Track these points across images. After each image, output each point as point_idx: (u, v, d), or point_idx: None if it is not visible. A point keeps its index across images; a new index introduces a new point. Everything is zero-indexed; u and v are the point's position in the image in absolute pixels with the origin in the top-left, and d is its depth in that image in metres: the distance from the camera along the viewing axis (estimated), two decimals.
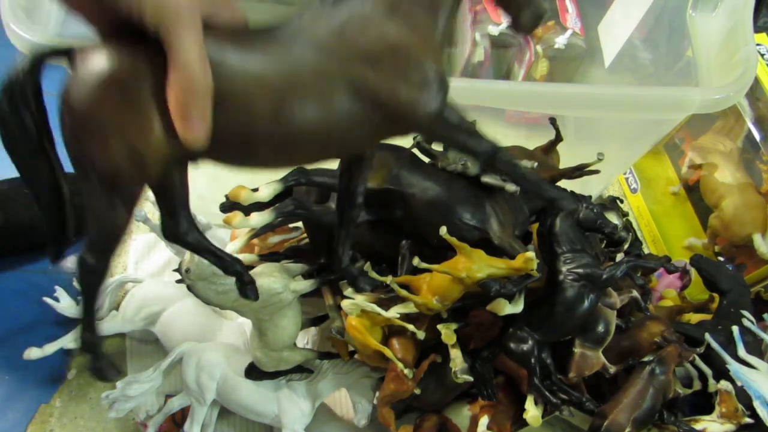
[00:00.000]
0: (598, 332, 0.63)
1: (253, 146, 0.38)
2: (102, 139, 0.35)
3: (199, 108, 0.34)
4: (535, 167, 0.67)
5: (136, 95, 0.35)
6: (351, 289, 0.66)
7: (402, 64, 0.38)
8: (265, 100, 0.36)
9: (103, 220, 0.38)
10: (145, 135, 0.35)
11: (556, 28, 1.04)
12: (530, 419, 0.62)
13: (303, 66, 0.37)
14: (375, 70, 0.38)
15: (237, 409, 0.73)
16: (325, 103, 0.38)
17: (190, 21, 0.33)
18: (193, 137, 0.35)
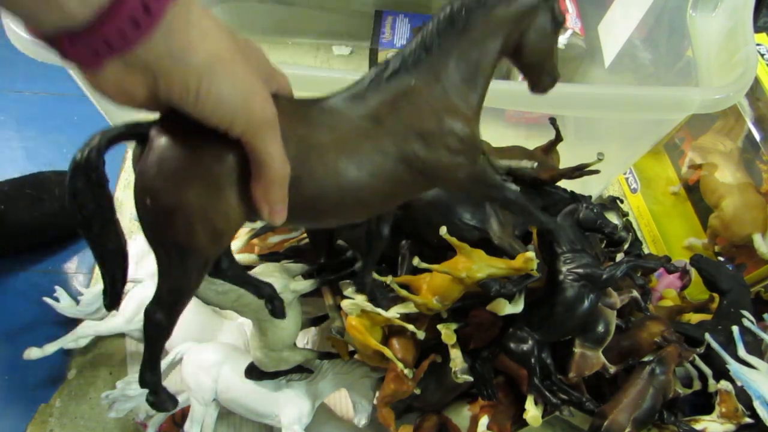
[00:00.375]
0: (598, 332, 0.63)
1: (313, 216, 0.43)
2: (187, 224, 0.37)
3: (281, 196, 0.38)
4: (535, 167, 0.67)
5: (217, 181, 0.37)
6: (351, 289, 0.66)
7: (448, 139, 0.43)
8: (328, 175, 0.41)
9: (177, 284, 0.40)
10: (227, 218, 0.38)
11: None
12: (530, 419, 0.62)
13: (360, 139, 0.42)
14: (425, 144, 0.43)
15: (237, 409, 0.73)
16: (381, 174, 0.43)
17: (273, 130, 0.37)
18: (276, 219, 0.39)
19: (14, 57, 0.50)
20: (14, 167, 1.09)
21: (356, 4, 1.21)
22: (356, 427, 0.74)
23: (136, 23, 0.29)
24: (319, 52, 1.27)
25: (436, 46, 0.43)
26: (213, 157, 0.36)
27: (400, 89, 0.43)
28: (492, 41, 0.44)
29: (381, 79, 0.43)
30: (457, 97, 0.44)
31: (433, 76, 0.43)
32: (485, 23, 0.43)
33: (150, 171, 0.36)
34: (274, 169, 0.37)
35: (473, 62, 0.44)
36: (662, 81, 0.86)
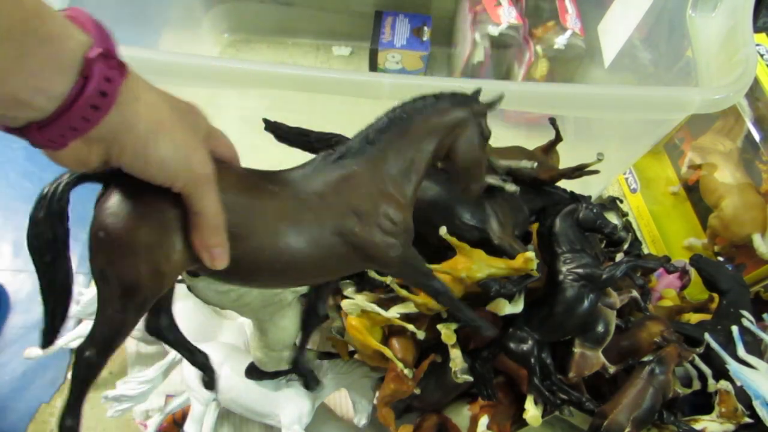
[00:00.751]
0: (598, 332, 0.63)
1: (253, 275, 0.46)
2: (132, 260, 0.40)
3: (217, 241, 0.42)
4: (535, 167, 0.67)
5: (164, 226, 0.41)
6: (351, 289, 0.66)
7: (381, 220, 0.49)
8: (272, 240, 0.45)
9: (113, 323, 0.42)
10: (170, 260, 0.41)
11: (556, 29, 1.04)
12: (530, 419, 0.62)
13: (303, 210, 0.46)
14: (360, 221, 0.48)
15: (237, 409, 0.73)
16: (318, 243, 0.47)
17: (209, 184, 0.40)
18: (217, 263, 0.42)
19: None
20: (14, 167, 1.09)
21: (356, 4, 1.21)
22: (356, 427, 0.74)
23: (95, 107, 0.33)
24: (319, 52, 1.27)
25: (377, 141, 0.50)
26: (162, 205, 0.40)
27: (343, 173, 0.48)
28: (426, 144, 0.51)
29: (328, 161, 0.49)
30: (392, 186, 0.50)
31: (373, 165, 0.49)
32: (421, 128, 0.50)
33: (108, 209, 0.40)
34: (209, 217, 0.41)
35: (408, 159, 0.50)
36: (662, 81, 0.86)
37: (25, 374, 0.86)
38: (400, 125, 0.50)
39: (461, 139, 0.52)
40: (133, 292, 0.41)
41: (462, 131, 0.52)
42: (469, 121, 0.51)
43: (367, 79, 0.63)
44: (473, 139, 0.52)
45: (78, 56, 0.32)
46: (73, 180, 0.41)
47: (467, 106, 0.52)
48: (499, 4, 1.03)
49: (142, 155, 0.36)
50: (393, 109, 0.51)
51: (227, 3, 1.21)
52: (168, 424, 0.77)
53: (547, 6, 1.09)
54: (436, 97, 0.51)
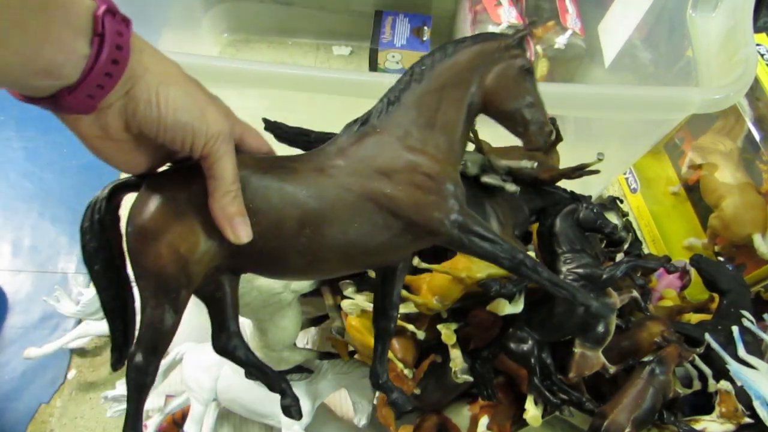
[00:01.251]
0: (598, 332, 0.63)
1: (283, 257, 0.43)
2: (154, 246, 0.41)
3: (237, 209, 0.41)
4: (535, 167, 0.67)
5: (183, 211, 0.41)
6: (351, 289, 0.66)
7: (416, 176, 0.44)
8: (292, 217, 0.42)
9: (153, 322, 0.42)
10: (188, 242, 0.41)
11: (556, 28, 1.04)
12: (530, 419, 0.62)
13: (327, 187, 0.43)
14: (391, 182, 0.43)
15: (237, 409, 0.73)
16: (348, 216, 0.43)
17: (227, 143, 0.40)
18: (236, 235, 0.41)
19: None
20: (14, 167, 1.09)
21: (356, 4, 1.21)
22: (356, 427, 0.74)
23: (115, 61, 0.34)
24: (319, 52, 1.27)
25: (398, 100, 0.46)
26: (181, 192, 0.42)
27: (364, 135, 0.45)
28: (452, 91, 0.46)
29: (350, 131, 0.46)
30: (421, 141, 0.45)
31: (397, 125, 0.45)
32: (443, 76, 0.46)
33: (134, 208, 0.42)
34: (227, 182, 0.40)
35: (433, 109, 0.46)
36: (662, 81, 0.86)
37: (24, 374, 0.86)
38: (420, 79, 0.46)
39: (494, 77, 0.46)
40: (161, 283, 0.41)
41: (492, 67, 0.46)
42: (498, 55, 0.46)
43: (367, 79, 0.63)
44: (509, 72, 0.46)
45: (89, 16, 0.34)
46: (110, 190, 0.44)
47: (493, 41, 0.46)
48: (499, 4, 1.03)
49: (155, 104, 0.37)
50: (411, 67, 0.47)
51: (227, 3, 1.21)
52: (168, 424, 0.77)
53: (547, 6, 1.09)
54: (456, 43, 0.47)
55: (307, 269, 0.45)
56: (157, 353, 0.43)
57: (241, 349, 0.50)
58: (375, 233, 0.44)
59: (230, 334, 0.50)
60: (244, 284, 0.65)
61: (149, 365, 0.43)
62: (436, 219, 0.44)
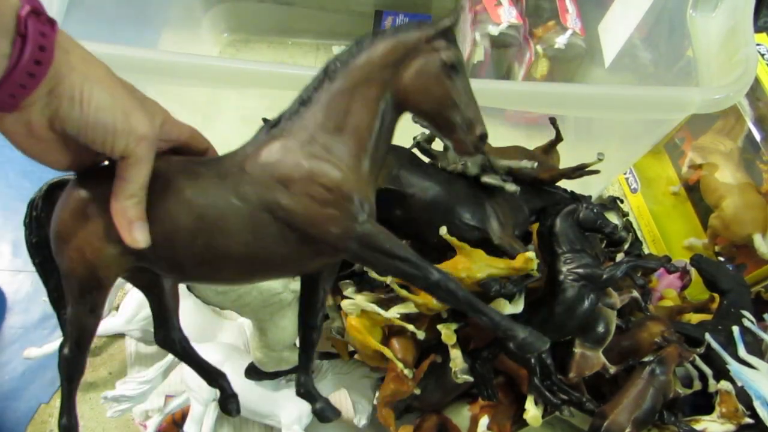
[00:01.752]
0: (598, 332, 0.63)
1: (179, 265, 0.43)
2: (66, 249, 0.43)
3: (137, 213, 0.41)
4: (535, 167, 0.67)
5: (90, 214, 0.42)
6: (351, 289, 0.66)
7: (312, 187, 0.41)
8: (186, 226, 0.42)
9: (75, 319, 0.45)
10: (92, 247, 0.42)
11: (556, 28, 1.04)
12: (530, 419, 0.62)
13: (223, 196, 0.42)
14: (288, 192, 0.41)
15: None
16: (243, 227, 0.41)
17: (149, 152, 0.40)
18: (133, 239, 0.41)
19: None
20: (14, 167, 1.09)
21: (356, 4, 1.20)
22: (356, 427, 0.74)
23: (38, 62, 0.35)
24: (319, 52, 1.27)
25: (309, 100, 0.43)
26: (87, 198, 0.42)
27: (271, 139, 0.42)
28: (365, 89, 0.42)
29: (263, 132, 0.44)
30: (321, 146, 0.41)
31: (304, 127, 0.42)
32: (356, 73, 0.42)
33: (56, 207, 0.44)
34: (136, 184, 0.40)
35: (342, 111, 0.42)
36: (662, 81, 0.86)
37: (24, 374, 0.86)
38: (333, 77, 0.42)
39: (411, 73, 0.41)
40: (75, 284, 0.43)
41: (410, 62, 0.41)
42: (418, 48, 0.41)
43: None
44: (428, 68, 0.41)
45: (12, 16, 0.34)
46: (46, 188, 0.47)
47: (413, 31, 0.41)
48: (499, 4, 1.03)
49: (78, 103, 0.37)
50: (327, 62, 0.43)
51: (227, 3, 1.21)
52: (168, 425, 0.77)
53: (547, 6, 1.08)
54: (374, 35, 0.42)
55: (206, 277, 0.45)
56: (81, 347, 0.46)
57: (181, 343, 0.52)
58: (273, 245, 0.42)
59: (169, 329, 0.52)
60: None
61: (75, 358, 0.46)
62: (332, 234, 0.41)
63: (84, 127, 0.38)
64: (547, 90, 0.68)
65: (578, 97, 0.66)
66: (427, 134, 0.67)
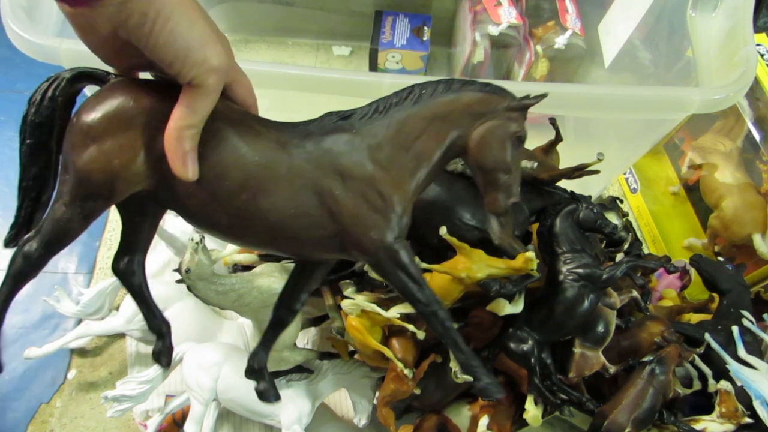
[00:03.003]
0: (598, 332, 0.63)
1: (211, 211, 0.43)
2: (90, 148, 0.40)
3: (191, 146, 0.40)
4: (535, 167, 0.67)
5: (132, 124, 0.41)
6: (351, 289, 0.66)
7: (369, 190, 0.43)
8: (235, 177, 0.42)
9: (61, 218, 0.41)
10: (124, 157, 0.41)
11: (556, 28, 1.04)
12: (530, 419, 0.62)
13: (281, 163, 0.43)
14: (344, 185, 0.43)
15: (237, 409, 0.73)
16: (288, 198, 0.42)
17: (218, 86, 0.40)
18: (183, 170, 0.40)
19: (14, 57, 0.50)
20: (14, 167, 1.09)
21: (356, 4, 1.20)
22: (356, 427, 0.74)
23: None
24: (319, 52, 1.27)
25: (387, 113, 0.45)
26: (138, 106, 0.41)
27: (339, 129, 0.44)
28: (442, 127, 0.45)
29: (329, 120, 0.45)
30: (390, 162, 0.44)
31: (374, 135, 0.44)
32: (439, 109, 0.45)
33: (88, 102, 0.41)
34: (198, 116, 0.39)
35: (416, 137, 0.45)
36: (662, 81, 0.86)
37: (25, 374, 0.86)
38: (417, 101, 0.45)
39: (486, 129, 0.45)
40: (83, 186, 0.41)
41: (487, 120, 0.46)
42: (498, 112, 0.46)
43: (367, 79, 0.63)
44: (500, 131, 0.46)
45: None
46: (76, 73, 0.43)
47: (499, 96, 0.46)
48: (499, 4, 1.03)
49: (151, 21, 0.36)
50: (413, 86, 0.46)
51: (227, 3, 1.21)
52: (168, 424, 0.77)
53: (547, 6, 1.08)
54: (464, 82, 0.46)
55: (229, 232, 0.45)
56: (52, 250, 0.43)
57: (137, 276, 0.50)
58: (307, 226, 0.43)
59: (132, 260, 0.50)
60: (244, 284, 0.66)
61: (39, 258, 0.42)
62: (369, 237, 0.43)
63: (153, 46, 0.37)
64: (547, 90, 0.68)
65: (578, 97, 0.66)
66: None
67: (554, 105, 0.68)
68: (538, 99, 0.47)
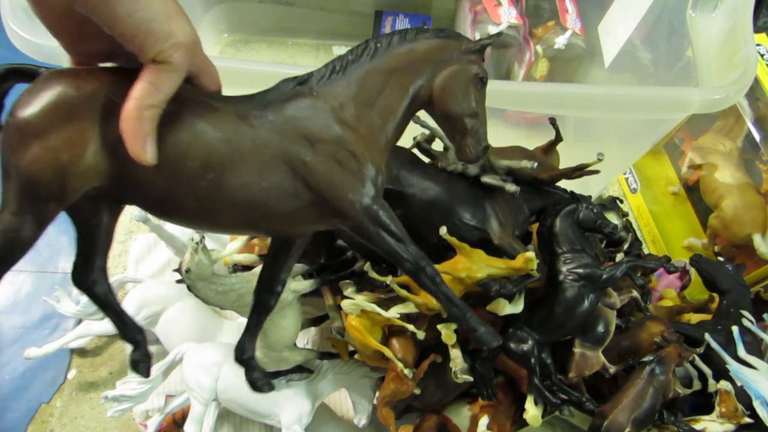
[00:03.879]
0: (598, 332, 0.63)
1: (177, 196, 0.40)
2: (33, 146, 0.36)
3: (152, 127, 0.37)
4: (534, 167, 0.67)
5: (78, 115, 0.37)
6: (351, 289, 0.66)
7: (340, 151, 0.41)
8: (197, 156, 0.39)
9: (9, 229, 0.37)
10: (73, 150, 0.37)
11: (556, 28, 1.04)
12: (530, 419, 0.62)
13: (244, 136, 0.40)
14: (314, 150, 0.41)
15: (237, 409, 0.73)
16: (258, 172, 0.40)
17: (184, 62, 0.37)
18: (142, 153, 0.37)
19: (14, 57, 0.50)
20: None
21: (356, 4, 1.21)
22: (356, 427, 0.74)
23: None
24: (319, 52, 1.27)
25: (344, 70, 0.44)
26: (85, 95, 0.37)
27: (298, 95, 0.43)
28: (402, 77, 0.45)
29: (287, 86, 0.43)
30: (352, 115, 0.43)
31: (334, 92, 0.43)
32: (397, 60, 0.45)
33: (24, 93, 0.37)
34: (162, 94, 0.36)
35: (378, 91, 0.44)
36: (662, 81, 0.86)
37: (25, 374, 0.86)
38: (373, 56, 0.45)
39: (446, 75, 0.45)
40: (31, 189, 0.37)
41: (447, 65, 0.45)
42: (456, 55, 0.45)
43: None
44: (461, 75, 0.45)
45: None
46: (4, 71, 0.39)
47: (456, 40, 0.46)
48: (499, 4, 1.03)
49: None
50: (367, 41, 0.45)
51: (227, 3, 1.21)
52: (168, 424, 0.77)
53: (547, 6, 1.08)
54: (418, 30, 0.45)
55: (199, 216, 0.42)
56: (6, 264, 0.38)
57: (101, 286, 0.45)
58: (281, 198, 0.41)
59: (93, 268, 0.45)
60: (244, 284, 0.66)
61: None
62: (348, 200, 0.42)
63: (111, 18, 0.34)
64: (547, 90, 0.68)
65: (578, 97, 0.66)
66: (427, 134, 0.67)
67: (554, 105, 0.68)
68: (494, 38, 0.47)
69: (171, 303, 0.82)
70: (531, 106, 0.72)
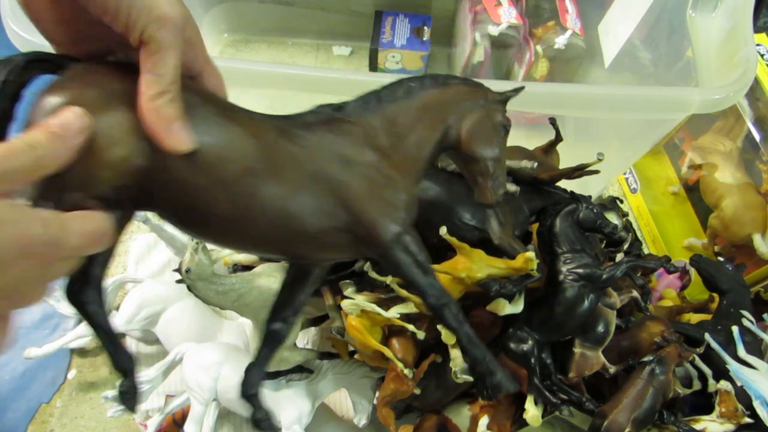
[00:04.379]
0: (598, 332, 0.63)
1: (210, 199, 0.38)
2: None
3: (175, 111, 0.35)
4: (534, 167, 0.67)
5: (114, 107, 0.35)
6: (351, 289, 0.66)
7: (375, 174, 0.43)
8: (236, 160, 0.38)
9: None
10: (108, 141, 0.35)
11: (556, 28, 1.04)
12: (530, 419, 0.62)
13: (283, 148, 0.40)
14: (352, 170, 0.42)
15: (237, 409, 0.73)
16: (295, 185, 0.40)
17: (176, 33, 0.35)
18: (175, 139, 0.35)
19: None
20: None
21: (356, 4, 1.21)
22: (356, 427, 0.74)
23: None
24: (319, 52, 1.27)
25: (377, 103, 0.46)
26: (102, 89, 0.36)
27: (336, 120, 0.44)
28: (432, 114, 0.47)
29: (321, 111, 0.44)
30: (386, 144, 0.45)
31: (369, 122, 0.45)
32: (428, 97, 0.47)
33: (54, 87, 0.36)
34: (166, 78, 0.35)
35: (408, 124, 0.46)
36: (662, 81, 0.86)
37: (25, 374, 0.86)
38: (408, 94, 0.47)
39: (474, 119, 0.47)
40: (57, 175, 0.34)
41: (475, 111, 0.48)
42: (483, 103, 0.48)
43: (367, 79, 0.63)
44: (488, 121, 0.48)
45: None
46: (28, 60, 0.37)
47: (480, 89, 0.49)
48: (499, 4, 1.03)
49: None
50: (401, 80, 0.47)
51: (227, 3, 1.21)
52: (168, 424, 0.77)
53: (547, 6, 1.09)
54: (447, 76, 0.48)
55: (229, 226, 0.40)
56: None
57: (94, 304, 0.41)
58: (315, 216, 0.41)
59: (89, 282, 0.41)
60: (244, 284, 0.66)
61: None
62: (381, 224, 0.42)
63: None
64: (547, 90, 0.68)
65: (578, 97, 0.66)
66: None
67: (554, 105, 0.68)
68: (517, 92, 0.50)
69: (171, 303, 0.82)
70: (531, 106, 0.72)
